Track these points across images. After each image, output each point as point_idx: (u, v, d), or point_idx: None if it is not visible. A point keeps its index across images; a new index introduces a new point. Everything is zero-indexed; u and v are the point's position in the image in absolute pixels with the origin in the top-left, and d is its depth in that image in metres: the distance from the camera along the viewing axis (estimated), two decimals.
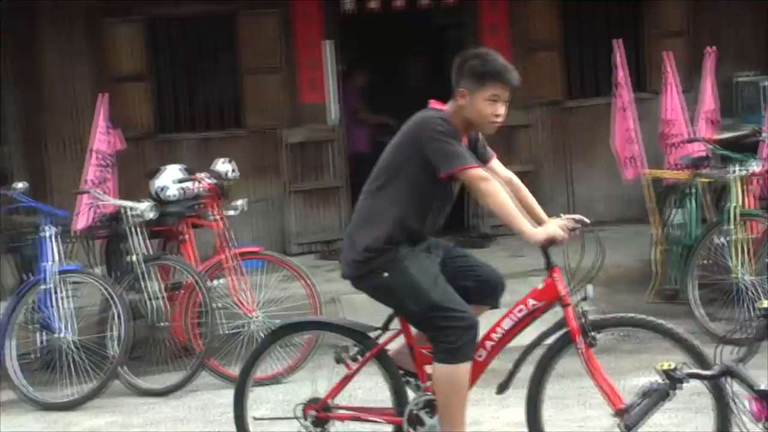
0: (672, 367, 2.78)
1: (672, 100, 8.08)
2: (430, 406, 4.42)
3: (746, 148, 7.90)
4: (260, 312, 6.80)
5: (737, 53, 9.80)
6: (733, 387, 2.79)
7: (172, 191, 7.37)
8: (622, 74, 8.04)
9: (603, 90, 9.56)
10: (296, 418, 4.54)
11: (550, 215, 10.21)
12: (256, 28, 9.52)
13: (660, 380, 2.78)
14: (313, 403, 4.57)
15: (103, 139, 7.35)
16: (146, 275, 6.86)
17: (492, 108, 4.39)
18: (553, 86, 9.85)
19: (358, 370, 4.57)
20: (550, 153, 9.91)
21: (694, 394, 4.28)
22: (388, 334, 4.54)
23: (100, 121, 7.36)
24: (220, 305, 6.84)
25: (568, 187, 9.97)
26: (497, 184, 4.32)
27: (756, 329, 2.86)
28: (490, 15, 9.73)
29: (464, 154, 4.30)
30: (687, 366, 2.83)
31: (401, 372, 4.53)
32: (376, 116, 10.73)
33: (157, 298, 6.88)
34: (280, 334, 4.83)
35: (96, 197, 7.09)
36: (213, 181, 7.16)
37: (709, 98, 8.10)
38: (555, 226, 4.34)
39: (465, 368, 4.30)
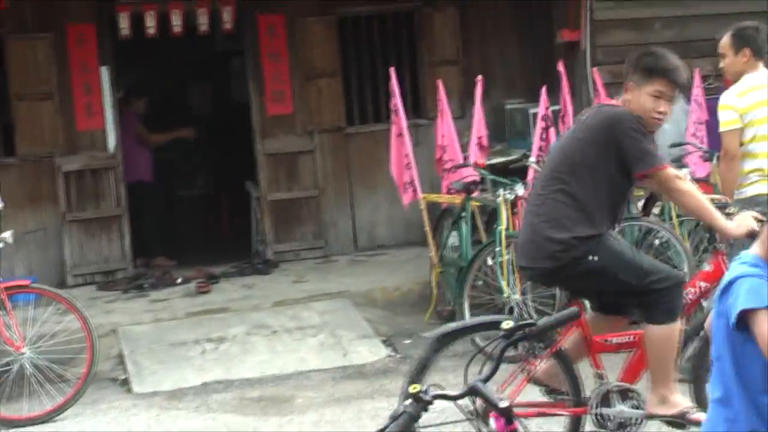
0: (421, 389, 2.86)
1: (446, 127, 8.37)
2: (618, 391, 4.59)
3: (516, 172, 8.29)
4: (29, 348, 6.52)
5: (507, 82, 10.26)
6: (476, 405, 2.90)
7: None
8: (397, 101, 8.27)
9: (383, 116, 9.80)
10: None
11: (332, 241, 10.36)
12: (26, 53, 9.18)
13: (410, 403, 2.86)
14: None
15: None
16: None
17: (655, 104, 4.57)
18: (334, 112, 10.00)
19: (537, 367, 4.54)
20: (333, 178, 10.04)
21: None
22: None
23: None
24: None
25: (350, 212, 10.12)
26: (690, 183, 4.65)
27: (499, 349, 2.99)
28: (270, 42, 9.79)
29: (657, 154, 4.53)
30: (436, 388, 2.92)
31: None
32: (169, 134, 10.61)
33: None
34: (445, 341, 4.67)
35: None
36: None
37: (479, 124, 8.43)
38: (750, 219, 4.53)
39: (678, 326, 4.55)
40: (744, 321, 2.48)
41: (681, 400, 4.63)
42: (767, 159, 5.85)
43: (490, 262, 7.38)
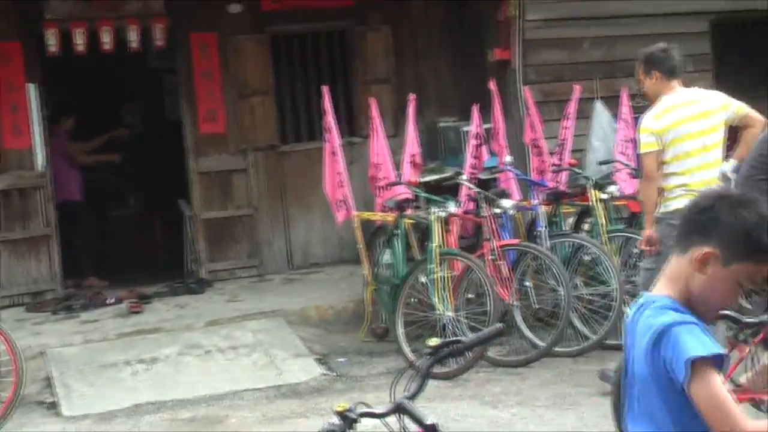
0: (346, 407, 2.85)
1: (379, 145, 8.40)
2: None
3: (449, 190, 8.35)
4: None
5: (440, 100, 10.34)
6: (404, 422, 2.90)
7: None
8: (330, 119, 8.27)
9: (317, 134, 9.80)
10: None
11: (267, 259, 10.32)
12: None
13: (336, 421, 2.85)
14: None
15: None
16: None
17: None
18: (267, 131, 9.97)
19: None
20: (267, 196, 10.00)
21: None
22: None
23: None
24: None
25: (285, 230, 10.09)
26: None
27: (425, 366, 3.00)
28: (202, 60, 9.75)
29: None
30: (362, 405, 2.92)
31: None
32: (96, 156, 10.53)
33: None
34: None
35: None
36: None
37: (412, 142, 8.48)
38: None
39: None
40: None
41: None
42: (690, 176, 5.97)
43: (423, 279, 7.42)
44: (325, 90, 8.33)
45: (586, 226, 8.17)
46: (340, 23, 10.18)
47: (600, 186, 7.70)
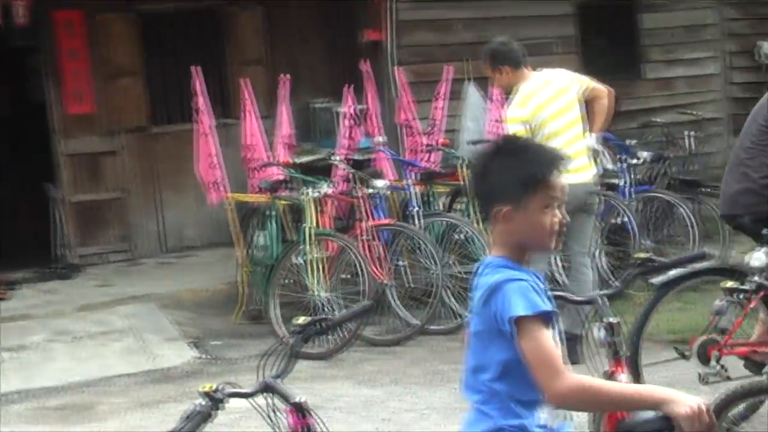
0: (213, 388, 2.83)
1: (252, 126, 8.33)
2: None
3: (322, 170, 8.34)
4: None
5: (314, 81, 10.30)
6: (272, 401, 2.90)
7: None
8: (201, 100, 8.15)
9: (189, 116, 9.63)
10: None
11: (139, 243, 10.14)
12: None
13: (203, 402, 2.82)
14: (712, 344, 4.46)
15: None
16: None
17: None
18: (137, 112, 9.77)
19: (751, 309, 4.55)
20: (138, 179, 9.81)
21: None
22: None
23: None
24: None
25: (158, 213, 9.92)
26: None
27: (293, 345, 3.00)
28: (68, 39, 9.47)
29: None
30: (229, 386, 2.90)
31: None
32: None
33: None
34: (672, 285, 4.74)
35: None
36: None
37: (285, 124, 8.44)
38: None
39: None
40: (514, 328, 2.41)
41: None
42: None
43: (297, 260, 7.39)
44: (196, 71, 8.21)
45: (458, 206, 8.29)
46: (210, 3, 10.03)
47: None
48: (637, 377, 4.60)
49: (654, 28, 10.42)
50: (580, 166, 6.23)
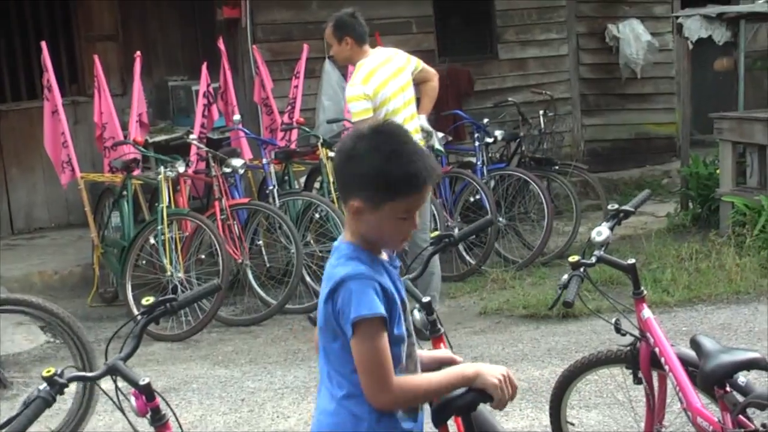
0: (54, 372, 2.75)
1: (104, 104, 8.10)
2: None
3: (178, 149, 8.19)
4: None
5: (170, 58, 10.11)
6: (118, 385, 2.84)
7: None
8: (50, 77, 7.89)
9: (38, 94, 9.32)
10: None
11: None
12: None
13: (44, 387, 2.74)
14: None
15: None
16: None
17: None
18: None
19: None
20: None
21: None
22: None
23: None
24: None
25: (4, 193, 9.58)
26: None
27: (139, 326, 2.94)
28: None
29: None
30: (72, 369, 2.83)
31: None
32: None
33: None
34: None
35: None
36: None
37: (139, 101, 8.24)
38: None
39: None
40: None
41: None
42: None
43: (152, 240, 7.26)
44: (45, 46, 7.93)
45: (316, 185, 8.29)
46: None
47: (329, 144, 7.82)
48: None
49: (508, 10, 10.61)
50: None
